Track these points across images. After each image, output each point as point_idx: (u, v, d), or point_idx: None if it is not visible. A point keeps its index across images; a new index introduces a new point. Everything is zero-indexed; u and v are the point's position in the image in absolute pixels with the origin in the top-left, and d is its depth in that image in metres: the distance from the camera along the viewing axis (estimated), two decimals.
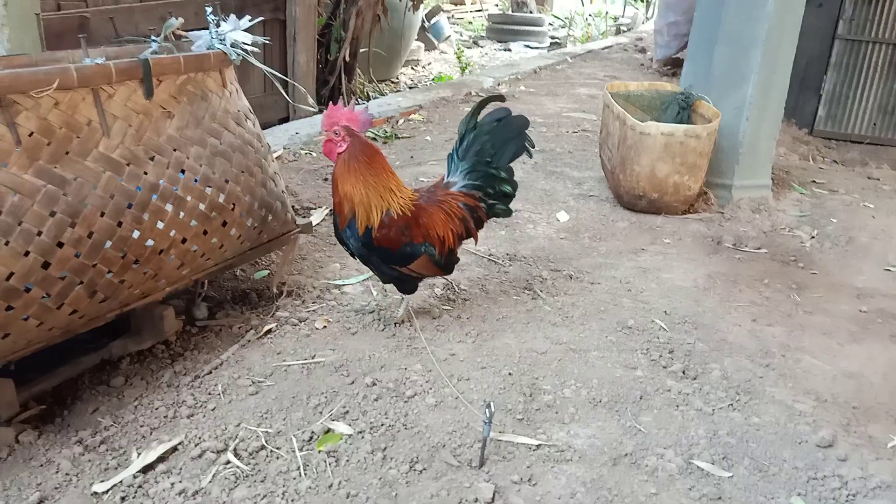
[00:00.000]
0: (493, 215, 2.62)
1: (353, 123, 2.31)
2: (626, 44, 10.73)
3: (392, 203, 2.33)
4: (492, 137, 2.54)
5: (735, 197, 3.93)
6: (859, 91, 5.67)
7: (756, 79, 3.77)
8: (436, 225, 2.42)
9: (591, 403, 2.17)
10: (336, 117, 2.30)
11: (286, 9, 5.24)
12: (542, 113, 6.00)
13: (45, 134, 1.77)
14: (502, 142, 2.56)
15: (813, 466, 1.95)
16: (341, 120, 2.30)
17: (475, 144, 2.54)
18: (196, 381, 2.16)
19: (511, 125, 2.59)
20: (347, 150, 2.30)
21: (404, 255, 2.38)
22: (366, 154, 2.32)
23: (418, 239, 2.39)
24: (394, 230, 2.34)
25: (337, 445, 1.90)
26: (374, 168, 2.32)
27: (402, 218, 2.35)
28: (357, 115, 2.32)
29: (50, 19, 3.44)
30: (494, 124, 2.56)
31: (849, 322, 2.82)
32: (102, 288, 1.90)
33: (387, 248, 2.35)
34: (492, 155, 2.55)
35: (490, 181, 2.56)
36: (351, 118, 2.31)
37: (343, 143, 2.30)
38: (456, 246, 2.51)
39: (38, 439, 1.87)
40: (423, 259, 2.42)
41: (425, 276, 2.54)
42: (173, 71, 2.12)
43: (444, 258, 2.48)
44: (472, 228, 2.54)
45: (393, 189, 2.35)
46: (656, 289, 2.96)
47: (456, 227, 2.48)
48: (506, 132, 2.57)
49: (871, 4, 5.43)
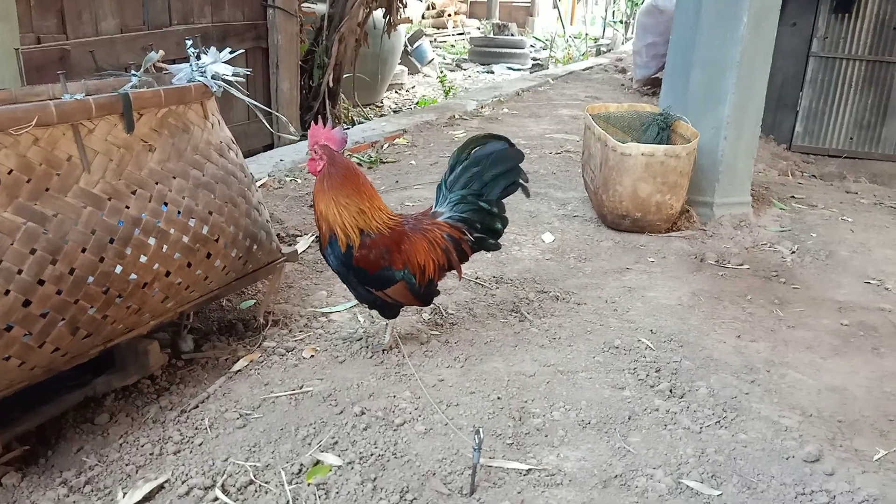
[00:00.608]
0: (481, 249, 2.58)
1: (331, 142, 2.35)
2: (607, 64, 10.87)
3: (366, 224, 2.34)
4: (482, 170, 2.52)
5: (716, 214, 3.98)
6: (835, 107, 5.77)
7: (732, 99, 3.83)
8: (417, 253, 2.42)
9: (580, 425, 2.17)
10: (316, 137, 2.35)
11: (268, 37, 5.28)
12: (525, 135, 6.05)
13: (24, 171, 1.76)
14: (493, 176, 2.52)
15: (801, 482, 1.95)
16: (321, 139, 2.35)
17: (464, 176, 2.52)
18: (182, 416, 2.14)
19: (504, 159, 2.55)
20: (323, 169, 2.34)
21: (381, 278, 2.38)
22: (340, 174, 2.34)
23: (398, 265, 2.39)
24: (373, 252, 2.34)
25: (326, 477, 1.89)
26: (346, 189, 2.34)
27: (383, 241, 2.36)
28: (333, 134, 2.36)
29: (30, 53, 3.45)
30: (487, 157, 2.53)
31: (831, 336, 2.84)
32: (85, 324, 1.89)
33: (364, 269, 2.35)
34: (481, 188, 2.52)
35: (478, 215, 2.52)
36: (328, 137, 2.35)
37: (320, 161, 2.34)
38: (436, 277, 2.50)
39: (21, 481, 1.84)
40: (401, 286, 2.42)
41: (402, 304, 2.53)
42: (154, 104, 2.12)
43: (424, 288, 2.47)
44: (455, 261, 2.51)
45: (365, 210, 2.35)
46: (642, 308, 2.98)
47: (438, 257, 2.46)
48: (498, 166, 2.53)
49: (843, 22, 5.54)
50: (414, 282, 2.42)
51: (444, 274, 2.53)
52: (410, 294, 2.45)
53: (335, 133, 2.37)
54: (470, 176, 2.53)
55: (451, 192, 2.55)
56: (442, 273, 2.52)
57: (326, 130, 2.36)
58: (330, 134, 2.36)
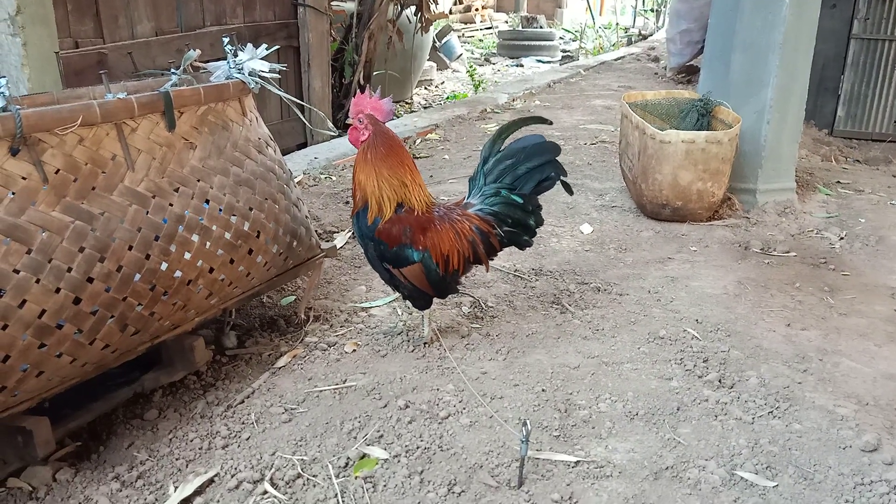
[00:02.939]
0: (512, 244, 2.52)
1: (378, 113, 2.33)
2: (639, 54, 10.74)
3: (406, 197, 2.32)
4: (516, 163, 2.46)
5: (760, 201, 3.89)
6: (878, 89, 5.61)
7: (775, 82, 3.74)
8: (442, 241, 2.37)
9: (627, 417, 2.13)
10: (361, 106, 2.32)
11: (299, 35, 5.29)
12: (559, 126, 6.00)
13: (71, 170, 1.78)
14: (527, 170, 2.46)
15: (859, 472, 1.90)
16: (366, 109, 2.32)
17: (497, 168, 2.47)
18: (229, 411, 2.15)
19: (540, 152, 2.48)
20: (368, 139, 2.32)
21: (399, 256, 2.34)
22: (384, 146, 2.32)
23: (418, 246, 2.34)
24: (396, 228, 2.31)
25: (373, 471, 1.88)
26: (390, 160, 2.32)
27: (409, 220, 2.32)
28: (381, 104, 2.33)
29: (69, 57, 3.50)
30: (521, 150, 2.46)
31: (885, 323, 2.76)
32: (133, 321, 1.91)
33: (385, 242, 2.32)
34: (513, 182, 2.46)
35: (508, 209, 2.45)
36: (375, 107, 2.32)
37: (365, 131, 2.32)
38: (461, 268, 2.43)
39: (75, 477, 1.87)
40: (417, 268, 2.36)
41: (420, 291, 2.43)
42: (194, 102, 2.13)
43: (448, 277, 2.41)
44: (482, 253, 2.44)
45: (407, 184, 2.33)
46: (686, 297, 2.92)
47: (464, 248, 2.40)
48: (533, 160, 2.46)
49: (884, 3, 5.38)
50: (434, 267, 2.36)
51: (469, 267, 2.47)
52: (426, 280, 2.38)
53: (383, 103, 2.34)
54: (503, 168, 2.47)
55: (484, 185, 2.49)
56: (468, 266, 2.46)
57: (373, 100, 2.33)
58: (377, 103, 2.33)
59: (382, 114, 2.33)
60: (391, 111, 2.35)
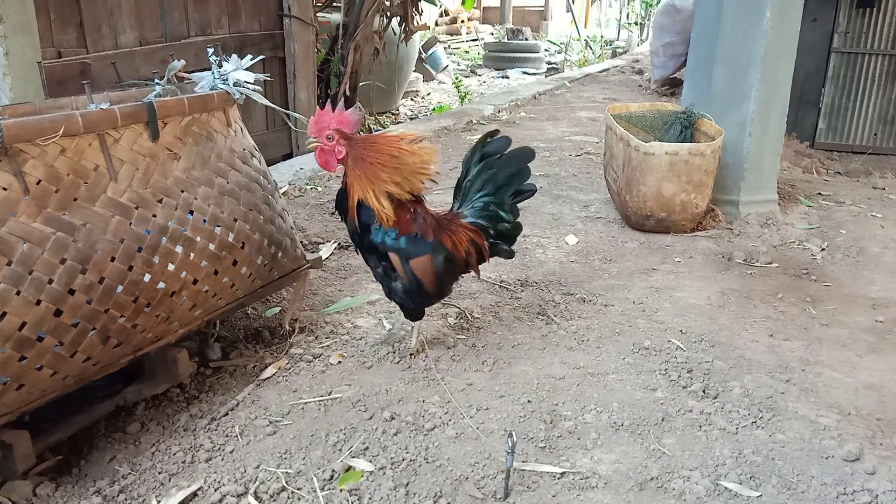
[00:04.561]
0: (494, 255, 2.52)
1: (344, 126, 2.20)
2: (623, 66, 10.83)
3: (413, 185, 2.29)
4: (495, 172, 2.46)
5: (743, 212, 3.92)
6: (858, 102, 5.69)
7: (757, 95, 3.78)
8: (447, 239, 2.37)
9: (612, 428, 2.13)
10: (325, 122, 2.19)
11: (285, 46, 5.29)
12: (544, 138, 6.03)
13: (52, 181, 1.77)
14: (505, 178, 2.45)
15: (842, 482, 1.91)
16: (331, 124, 2.19)
17: (479, 178, 2.47)
18: (213, 424, 2.13)
19: (515, 159, 2.47)
20: (348, 155, 2.21)
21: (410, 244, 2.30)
22: (370, 153, 2.20)
23: (429, 237, 2.31)
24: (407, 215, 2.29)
25: (358, 483, 1.87)
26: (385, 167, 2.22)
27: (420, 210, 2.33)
28: (346, 116, 2.20)
29: (51, 67, 3.47)
30: (497, 159, 2.46)
31: (866, 333, 2.78)
32: (115, 333, 1.89)
33: (396, 229, 2.27)
34: (495, 191, 2.46)
35: (492, 219, 2.47)
36: (341, 120, 2.19)
37: (340, 148, 2.21)
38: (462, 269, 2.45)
39: (55, 491, 1.84)
40: (426, 260, 2.31)
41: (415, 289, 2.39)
42: (178, 112, 2.12)
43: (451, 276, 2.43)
44: (474, 263, 2.46)
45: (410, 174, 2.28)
46: (670, 308, 2.94)
47: (460, 255, 2.41)
48: (510, 167, 2.46)
49: (864, 16, 5.46)
50: (441, 261, 2.33)
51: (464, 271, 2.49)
52: (432, 275, 2.33)
53: (348, 115, 2.19)
54: (485, 179, 2.47)
55: (470, 194, 2.50)
56: (464, 269, 2.47)
57: (337, 113, 2.19)
58: (342, 116, 2.19)
59: (349, 126, 2.20)
60: (358, 122, 2.23)
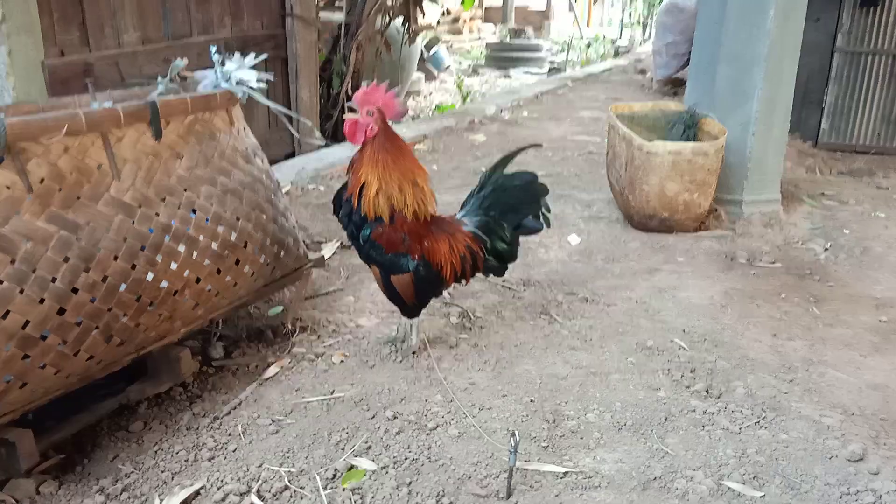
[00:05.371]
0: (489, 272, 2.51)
1: (388, 109, 2.15)
2: (626, 66, 10.82)
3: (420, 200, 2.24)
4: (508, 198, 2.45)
5: (746, 212, 3.92)
6: (861, 102, 5.67)
7: (760, 94, 3.77)
8: (437, 252, 2.34)
9: (615, 427, 2.13)
10: (374, 98, 2.13)
11: (287, 46, 5.29)
12: (547, 137, 6.02)
13: (56, 180, 1.77)
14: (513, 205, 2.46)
15: (845, 482, 1.90)
16: (378, 102, 2.13)
17: (490, 197, 2.47)
18: (215, 423, 2.13)
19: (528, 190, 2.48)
20: (376, 139, 2.16)
21: (393, 263, 2.29)
22: (396, 145, 2.18)
23: (415, 255, 2.30)
24: (396, 234, 2.24)
25: (361, 482, 1.87)
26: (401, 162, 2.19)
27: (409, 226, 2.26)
28: (395, 102, 2.15)
29: (54, 66, 3.48)
30: (513, 186, 2.46)
31: (869, 333, 2.78)
32: (118, 332, 1.89)
33: (381, 246, 2.26)
34: (503, 214, 2.46)
35: (492, 238, 2.45)
36: (388, 103, 2.14)
37: (374, 125, 2.16)
38: (449, 281, 2.41)
39: (59, 490, 1.84)
40: (407, 278, 2.31)
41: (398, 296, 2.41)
42: (181, 112, 2.12)
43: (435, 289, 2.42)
44: (468, 272, 2.43)
45: (419, 184, 2.24)
46: (673, 308, 2.93)
47: (455, 262, 2.38)
48: (520, 197, 2.47)
49: (867, 16, 5.45)
50: (423, 278, 2.31)
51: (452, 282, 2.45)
52: (412, 291, 2.34)
53: (397, 102, 2.13)
54: (497, 199, 2.46)
55: (479, 208, 2.48)
56: (456, 280, 2.44)
57: (389, 95, 2.13)
58: (391, 100, 2.12)
59: (392, 111, 2.15)
60: (401, 113, 2.17)
